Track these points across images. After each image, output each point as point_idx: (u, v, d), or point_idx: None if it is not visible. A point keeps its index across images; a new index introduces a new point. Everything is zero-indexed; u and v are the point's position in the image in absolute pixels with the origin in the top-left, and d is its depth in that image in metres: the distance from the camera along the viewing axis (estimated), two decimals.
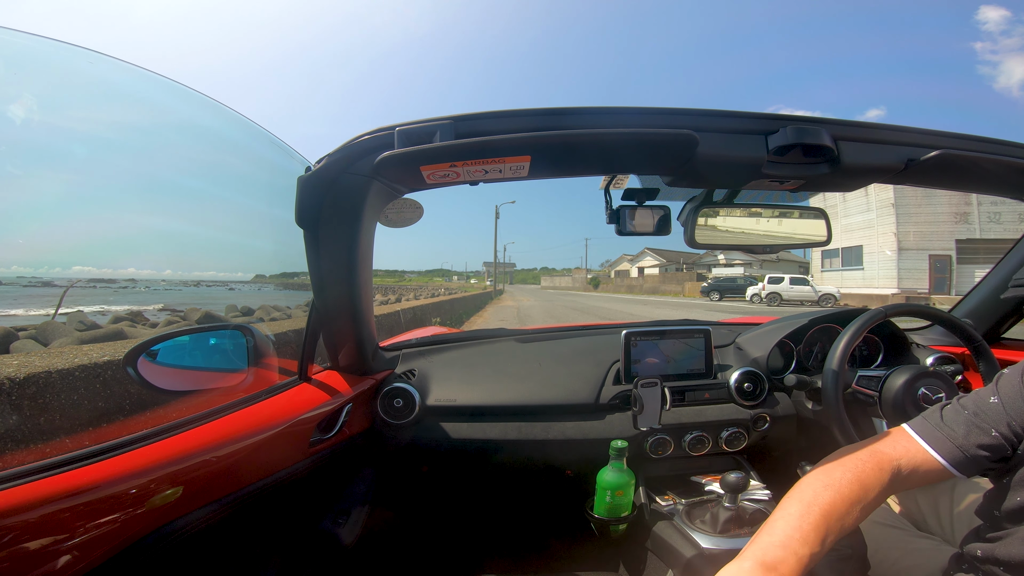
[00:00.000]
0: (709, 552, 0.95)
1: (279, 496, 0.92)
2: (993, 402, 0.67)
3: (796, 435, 1.28)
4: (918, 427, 0.70)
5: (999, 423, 0.65)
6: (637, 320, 2.97)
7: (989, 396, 0.68)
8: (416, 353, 1.37)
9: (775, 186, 0.86)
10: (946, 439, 0.66)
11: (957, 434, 0.66)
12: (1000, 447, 0.64)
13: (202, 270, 65.17)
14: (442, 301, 13.68)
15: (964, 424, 0.67)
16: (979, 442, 0.65)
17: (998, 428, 0.64)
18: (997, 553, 0.64)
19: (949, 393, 1.01)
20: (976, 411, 0.67)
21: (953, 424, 0.67)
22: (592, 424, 1.21)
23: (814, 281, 21.67)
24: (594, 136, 0.74)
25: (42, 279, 51.95)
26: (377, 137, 0.74)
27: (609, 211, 0.94)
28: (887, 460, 0.66)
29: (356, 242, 0.91)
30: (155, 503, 0.67)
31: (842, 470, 0.65)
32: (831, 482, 0.63)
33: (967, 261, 18.64)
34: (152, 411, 0.95)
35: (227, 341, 1.08)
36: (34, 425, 1.96)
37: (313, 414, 0.99)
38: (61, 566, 0.57)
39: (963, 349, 1.18)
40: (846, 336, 1.09)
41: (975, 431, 0.65)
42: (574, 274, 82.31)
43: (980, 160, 0.82)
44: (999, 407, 0.66)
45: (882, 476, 0.64)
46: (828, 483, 0.63)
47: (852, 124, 0.77)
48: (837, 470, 0.65)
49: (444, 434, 1.20)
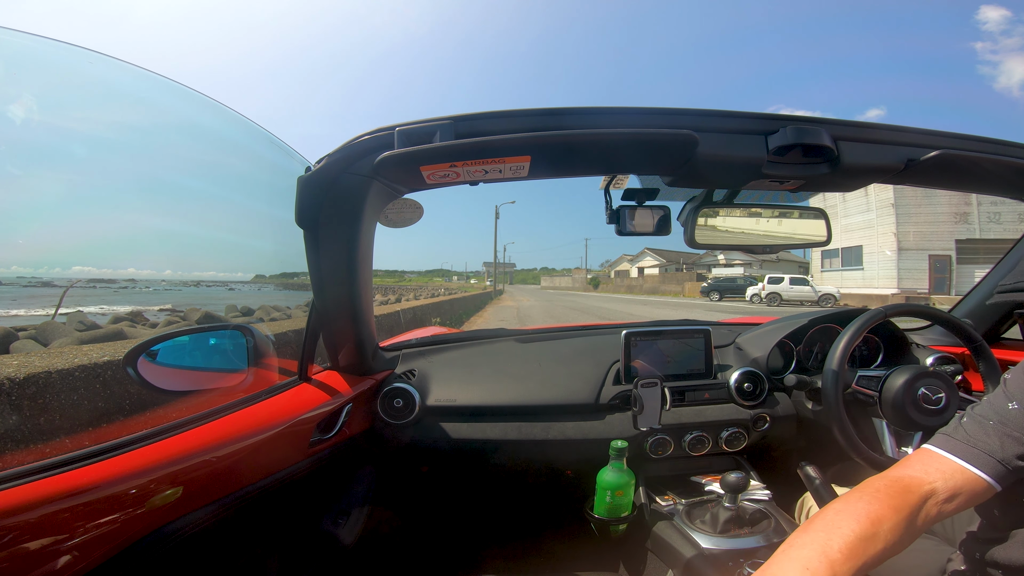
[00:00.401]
0: (709, 552, 0.96)
1: (279, 496, 0.92)
2: (1013, 408, 0.63)
3: (796, 435, 1.28)
4: (947, 446, 0.64)
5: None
6: (637, 320, 2.97)
7: (1006, 403, 0.64)
8: (416, 353, 1.37)
9: (775, 186, 0.86)
10: (984, 454, 0.61)
11: (994, 447, 0.61)
12: None
13: (202, 270, 65.13)
14: (442, 301, 13.68)
15: (996, 436, 0.62)
16: (1017, 452, 0.60)
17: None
18: (997, 557, 0.63)
19: (949, 393, 1.01)
20: (1001, 420, 0.63)
21: (984, 438, 0.63)
22: (592, 424, 1.21)
23: (814, 281, 21.68)
24: (594, 136, 0.74)
25: (42, 279, 51.96)
26: (377, 137, 0.74)
27: (609, 211, 0.94)
28: (917, 483, 0.60)
29: (356, 242, 0.91)
30: (155, 503, 0.67)
31: (864, 503, 0.58)
32: (849, 517, 0.56)
33: (967, 261, 18.64)
34: (152, 411, 0.95)
35: (227, 341, 1.08)
36: (34, 425, 1.96)
37: (313, 414, 0.99)
38: (61, 566, 0.57)
39: (963, 349, 1.18)
40: (846, 336, 1.09)
41: (1009, 442, 0.61)
42: (574, 274, 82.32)
43: (980, 160, 0.82)
44: (1021, 413, 0.62)
45: (910, 500, 0.58)
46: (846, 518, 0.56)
47: (852, 124, 0.77)
48: (860, 501, 0.58)
49: (444, 434, 1.20)
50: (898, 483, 0.61)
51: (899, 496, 0.59)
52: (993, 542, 0.66)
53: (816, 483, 1.05)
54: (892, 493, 0.59)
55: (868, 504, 0.58)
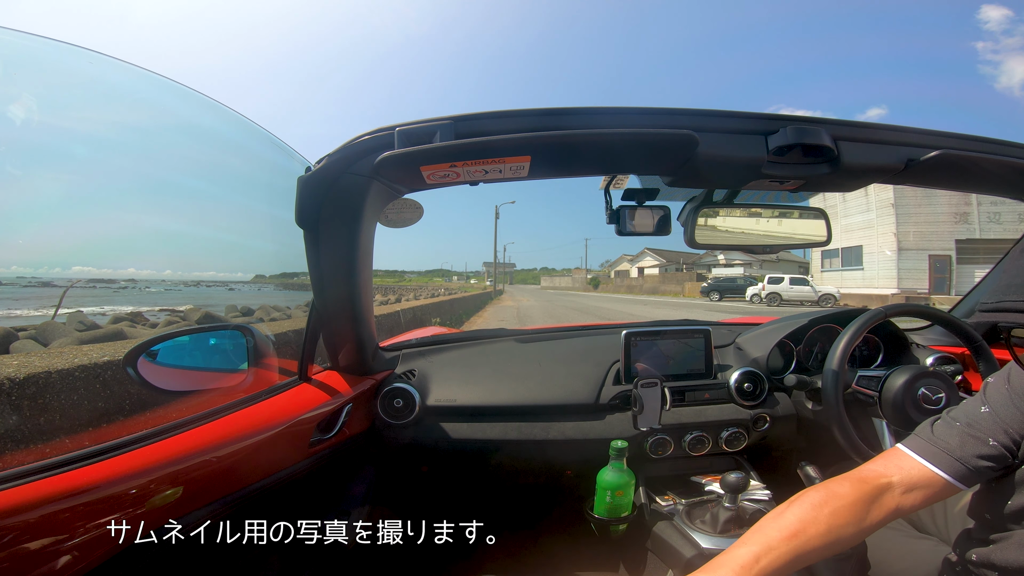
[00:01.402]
0: (709, 552, 0.95)
1: (279, 496, 0.92)
2: (984, 411, 0.66)
3: (796, 435, 1.28)
4: (910, 444, 0.70)
5: (995, 432, 0.64)
6: (637, 320, 2.97)
7: (979, 406, 0.68)
8: (416, 353, 1.37)
9: (775, 186, 0.86)
10: (941, 452, 0.65)
11: (951, 446, 0.65)
12: (1002, 456, 0.63)
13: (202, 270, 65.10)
14: (442, 301, 13.68)
15: (957, 436, 0.66)
16: (977, 452, 0.64)
17: (995, 437, 0.64)
18: (993, 557, 0.64)
19: (949, 393, 1.01)
20: (969, 422, 0.67)
21: (945, 437, 0.67)
22: (592, 424, 1.21)
23: (814, 281, 21.67)
24: (594, 136, 0.74)
25: (42, 279, 51.95)
26: (377, 137, 0.74)
27: (609, 211, 0.94)
28: (874, 476, 0.65)
29: (356, 242, 0.91)
30: (155, 503, 0.67)
31: (814, 491, 0.64)
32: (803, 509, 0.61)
33: (967, 261, 18.63)
34: (152, 411, 0.95)
35: (227, 341, 1.08)
36: (34, 425, 1.96)
37: (313, 414, 0.99)
38: (61, 566, 0.57)
39: (963, 349, 1.18)
40: (846, 336, 1.09)
41: (970, 441, 0.65)
42: (574, 274, 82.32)
43: (980, 160, 0.82)
44: (991, 416, 0.65)
45: (863, 488, 0.63)
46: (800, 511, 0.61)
47: (852, 124, 0.77)
48: (812, 491, 0.64)
49: (444, 434, 1.20)
50: (857, 474, 0.67)
51: (851, 485, 0.64)
52: (988, 542, 0.66)
53: (816, 483, 1.05)
54: (845, 483, 0.65)
55: (816, 492, 0.64)
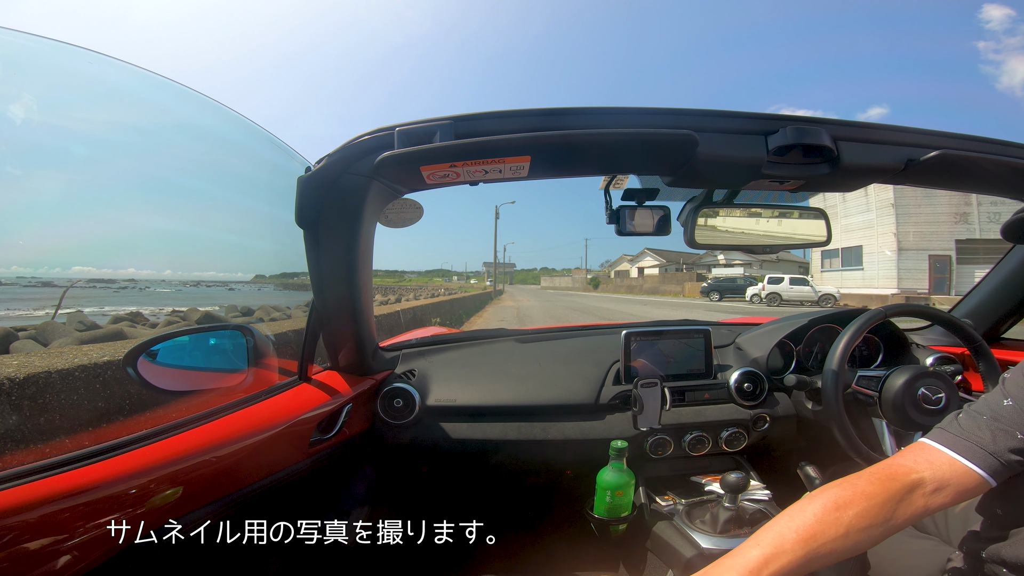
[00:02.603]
0: (709, 552, 0.95)
1: (279, 496, 0.92)
2: (1008, 404, 0.63)
3: (796, 435, 1.28)
4: (939, 438, 0.65)
5: (1021, 425, 0.61)
6: (637, 320, 2.97)
7: (1001, 400, 0.65)
8: (416, 353, 1.37)
9: (775, 186, 0.86)
10: (976, 446, 0.61)
11: (985, 440, 0.62)
12: None
13: (202, 270, 65.15)
14: (442, 301, 13.68)
15: (988, 430, 0.62)
16: (1009, 446, 0.61)
17: (1022, 430, 0.61)
18: (1003, 554, 0.63)
19: (949, 393, 1.01)
20: (994, 416, 0.63)
21: (977, 431, 0.63)
22: (592, 424, 1.21)
23: (814, 281, 21.67)
24: (594, 136, 0.74)
25: (42, 279, 51.97)
26: (377, 137, 0.74)
27: (609, 211, 0.94)
28: (903, 472, 0.61)
29: (356, 242, 0.91)
30: (155, 503, 0.67)
31: (837, 488, 0.60)
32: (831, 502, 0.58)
33: (967, 261, 18.62)
34: (152, 411, 0.95)
35: (227, 341, 1.08)
36: (34, 425, 1.96)
37: (313, 414, 0.99)
38: (61, 566, 0.57)
39: (963, 349, 1.18)
40: (846, 336, 1.09)
41: (1001, 435, 0.61)
42: (574, 274, 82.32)
43: (980, 160, 0.82)
44: (1015, 409, 0.63)
45: (892, 486, 0.59)
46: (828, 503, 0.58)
47: (852, 124, 0.77)
48: (835, 487, 0.60)
49: (444, 434, 1.20)
50: (884, 470, 0.62)
51: (879, 483, 0.59)
52: (994, 540, 0.66)
53: (816, 483, 1.05)
54: (872, 480, 0.60)
55: (840, 490, 0.59)
